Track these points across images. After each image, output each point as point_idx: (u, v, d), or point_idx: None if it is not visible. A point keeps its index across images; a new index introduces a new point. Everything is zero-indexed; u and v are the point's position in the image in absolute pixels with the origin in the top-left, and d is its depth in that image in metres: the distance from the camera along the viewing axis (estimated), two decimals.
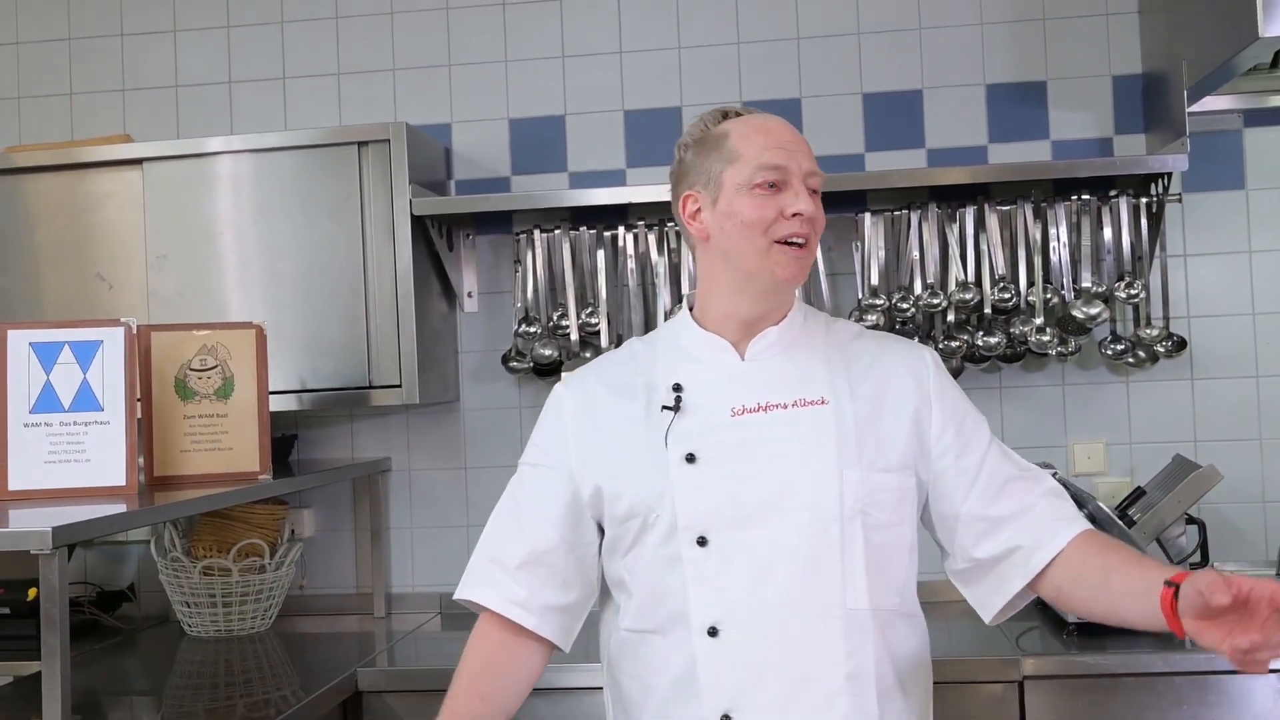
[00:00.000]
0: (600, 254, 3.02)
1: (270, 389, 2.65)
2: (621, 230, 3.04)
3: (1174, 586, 1.42)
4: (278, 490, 2.69)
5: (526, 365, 3.08)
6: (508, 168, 3.20)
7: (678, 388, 1.71)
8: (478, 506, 3.16)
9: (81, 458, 2.30)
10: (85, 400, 2.31)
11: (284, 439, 3.13)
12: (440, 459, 3.21)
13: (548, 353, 3.04)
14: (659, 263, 3.00)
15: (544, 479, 1.77)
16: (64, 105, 3.33)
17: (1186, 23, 2.76)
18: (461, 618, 3.07)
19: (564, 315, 3.03)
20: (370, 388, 2.89)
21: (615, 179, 3.15)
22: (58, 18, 3.33)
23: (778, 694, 1.61)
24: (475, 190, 3.19)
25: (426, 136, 3.10)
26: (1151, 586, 1.47)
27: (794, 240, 1.66)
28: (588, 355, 3.01)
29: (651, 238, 3.01)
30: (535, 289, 3.05)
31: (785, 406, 1.69)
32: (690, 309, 1.81)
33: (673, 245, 3.01)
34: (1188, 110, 2.73)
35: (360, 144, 2.90)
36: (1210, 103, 2.90)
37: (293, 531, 3.12)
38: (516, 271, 3.07)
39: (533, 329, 3.04)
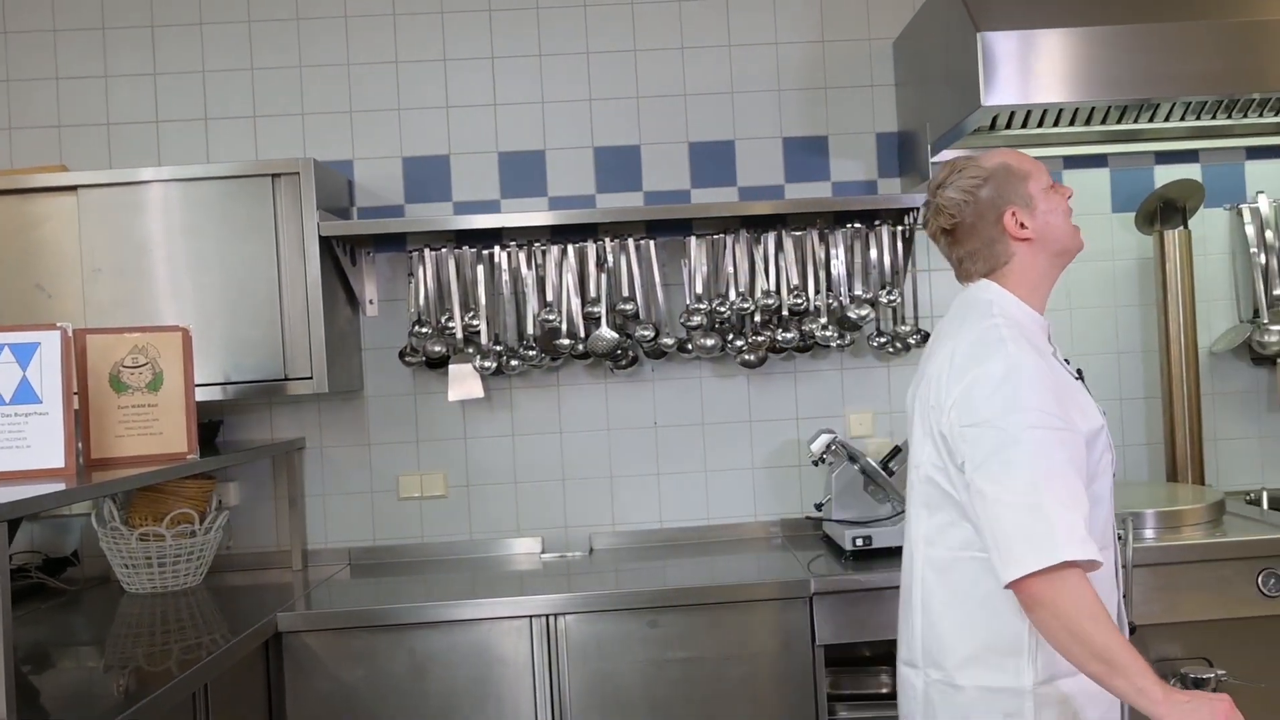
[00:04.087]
0: (480, 268, 2.81)
1: (198, 382, 2.40)
2: (497, 249, 2.83)
3: None
4: (204, 467, 2.41)
5: (419, 359, 2.86)
6: (402, 197, 2.94)
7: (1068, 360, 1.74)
8: (380, 474, 2.94)
9: (23, 444, 1.98)
10: (25, 394, 1.99)
11: (211, 424, 2.82)
12: (347, 438, 2.94)
13: (437, 349, 2.83)
14: (528, 276, 2.81)
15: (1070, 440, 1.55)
16: (4, 139, 2.90)
17: (930, 94, 2.75)
18: (368, 567, 2.87)
19: (450, 318, 2.81)
20: (286, 380, 2.61)
21: (492, 207, 2.94)
22: None
23: None
24: (374, 215, 2.93)
25: (332, 170, 2.83)
26: None
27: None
28: (470, 350, 2.82)
29: (521, 255, 2.82)
30: (426, 297, 2.82)
31: None
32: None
33: (539, 261, 2.83)
34: (931, 160, 2.73)
35: (274, 176, 2.61)
36: (947, 155, 2.88)
37: (220, 501, 2.80)
38: (410, 283, 2.84)
39: (424, 330, 2.81)
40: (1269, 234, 2.96)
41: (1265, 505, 2.78)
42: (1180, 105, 2.66)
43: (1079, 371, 1.71)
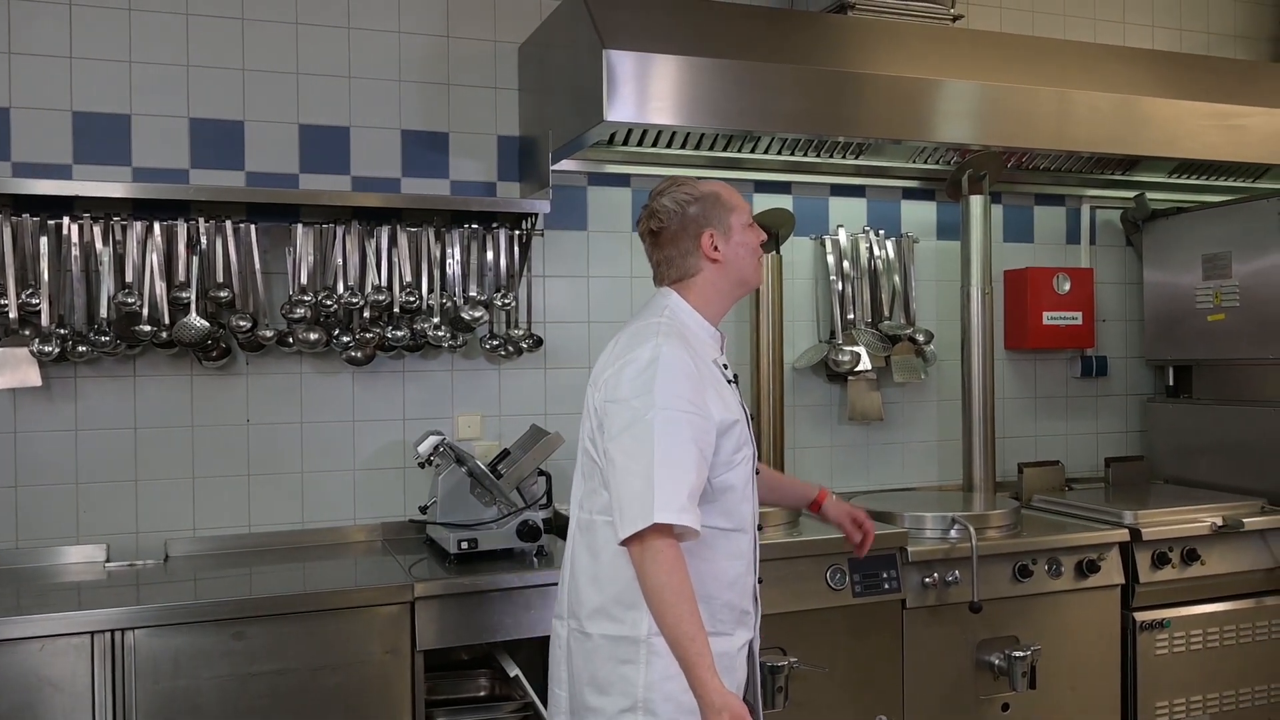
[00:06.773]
0: (43, 240, 2.65)
1: None
2: (66, 220, 2.69)
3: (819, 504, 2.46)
4: None
5: None
6: None
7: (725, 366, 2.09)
8: None
9: None
10: None
11: None
12: None
13: None
14: (104, 252, 2.70)
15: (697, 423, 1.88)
16: None
17: (553, 102, 2.98)
18: None
19: (3, 295, 2.63)
20: None
21: (62, 172, 2.78)
22: None
23: None
24: None
25: None
26: (805, 498, 2.50)
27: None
28: (27, 333, 2.66)
29: (97, 229, 2.71)
30: None
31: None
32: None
33: (118, 237, 2.73)
34: (551, 168, 2.95)
35: None
36: (567, 164, 3.18)
37: None
38: None
39: None
40: (846, 264, 3.59)
41: None
42: (777, 140, 3.17)
43: (735, 376, 2.09)
